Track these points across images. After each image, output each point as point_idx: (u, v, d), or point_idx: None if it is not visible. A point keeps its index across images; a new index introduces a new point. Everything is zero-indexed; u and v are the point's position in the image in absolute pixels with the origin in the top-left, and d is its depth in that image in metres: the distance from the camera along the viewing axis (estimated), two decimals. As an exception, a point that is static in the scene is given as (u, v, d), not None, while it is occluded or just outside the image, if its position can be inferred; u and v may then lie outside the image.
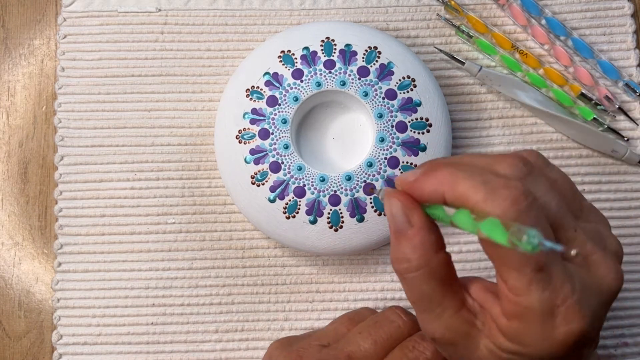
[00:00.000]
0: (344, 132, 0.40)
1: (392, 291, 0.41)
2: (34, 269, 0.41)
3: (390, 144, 0.37)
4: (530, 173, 0.25)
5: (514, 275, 0.24)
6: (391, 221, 0.26)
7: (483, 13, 0.43)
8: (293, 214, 0.37)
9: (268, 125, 0.38)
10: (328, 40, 0.39)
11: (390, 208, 0.26)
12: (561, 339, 0.24)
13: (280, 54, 0.39)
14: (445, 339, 0.27)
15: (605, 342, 0.40)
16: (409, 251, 0.26)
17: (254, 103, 0.38)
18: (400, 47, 0.39)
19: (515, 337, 0.25)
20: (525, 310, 0.24)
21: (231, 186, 0.39)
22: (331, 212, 0.37)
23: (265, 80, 0.38)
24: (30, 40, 0.44)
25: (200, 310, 0.40)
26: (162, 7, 0.43)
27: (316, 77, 0.38)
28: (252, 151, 0.38)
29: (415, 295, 0.27)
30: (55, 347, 0.40)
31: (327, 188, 0.37)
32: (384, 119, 0.38)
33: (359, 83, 0.38)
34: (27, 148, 0.42)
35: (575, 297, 0.24)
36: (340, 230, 0.37)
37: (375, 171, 0.37)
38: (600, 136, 0.41)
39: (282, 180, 0.37)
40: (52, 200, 0.42)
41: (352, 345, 0.32)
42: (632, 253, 0.41)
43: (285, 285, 0.41)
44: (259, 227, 0.39)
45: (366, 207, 0.37)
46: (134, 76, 0.42)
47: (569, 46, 0.43)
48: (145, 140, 0.42)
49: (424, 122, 0.38)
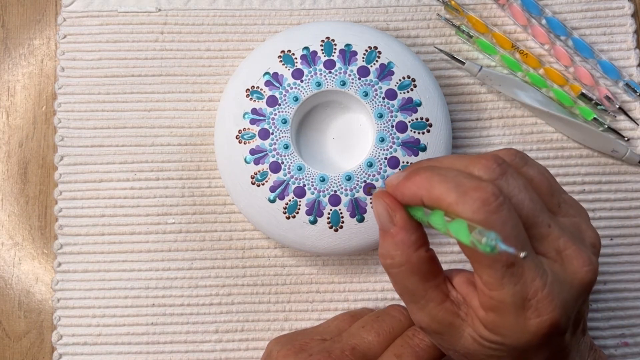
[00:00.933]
0: (344, 132, 0.40)
1: (392, 291, 0.41)
2: (33, 269, 0.41)
3: (391, 144, 0.37)
4: (504, 173, 0.26)
5: (487, 272, 0.25)
6: (377, 220, 0.29)
7: (483, 13, 0.43)
8: (293, 214, 0.37)
9: (268, 125, 0.38)
10: (328, 40, 0.39)
11: (377, 208, 0.29)
12: (533, 330, 0.26)
13: (280, 54, 0.39)
14: (432, 329, 0.29)
15: (605, 342, 0.40)
16: (392, 248, 0.28)
17: (254, 103, 0.38)
18: (400, 47, 0.39)
19: (493, 328, 0.26)
20: (499, 303, 0.25)
21: (231, 186, 0.38)
22: (331, 212, 0.37)
23: (265, 80, 0.38)
24: (30, 40, 0.44)
25: (200, 310, 0.40)
26: (162, 7, 0.43)
27: (316, 77, 0.38)
28: (252, 151, 0.38)
29: (400, 288, 0.29)
30: (55, 347, 0.40)
31: (327, 188, 0.37)
32: (384, 118, 0.38)
33: (359, 83, 0.38)
34: (27, 148, 0.42)
35: (545, 290, 0.25)
36: (340, 231, 0.37)
37: (376, 171, 0.37)
38: (601, 136, 0.41)
39: (282, 180, 0.37)
40: (52, 200, 0.42)
41: (355, 338, 0.33)
42: (632, 253, 0.41)
43: (285, 285, 0.41)
44: (259, 228, 0.39)
45: (366, 207, 0.37)
46: (134, 76, 0.42)
47: (569, 46, 0.42)
48: (145, 140, 0.42)
49: (424, 122, 0.38)
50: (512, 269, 0.25)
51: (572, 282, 0.26)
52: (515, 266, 0.25)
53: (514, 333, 0.26)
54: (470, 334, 0.28)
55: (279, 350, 0.34)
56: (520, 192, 0.26)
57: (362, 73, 0.38)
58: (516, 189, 0.26)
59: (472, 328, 0.27)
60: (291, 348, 0.34)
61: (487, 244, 0.22)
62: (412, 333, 0.33)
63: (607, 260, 0.41)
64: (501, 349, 0.27)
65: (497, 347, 0.27)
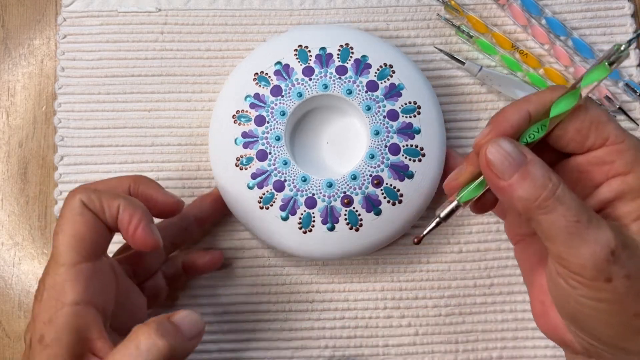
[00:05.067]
0: (338, 138, 0.40)
1: (392, 291, 0.41)
2: (34, 269, 0.41)
3: (380, 163, 0.37)
4: None
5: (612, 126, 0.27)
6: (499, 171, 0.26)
7: (483, 13, 0.43)
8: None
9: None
10: (347, 46, 0.38)
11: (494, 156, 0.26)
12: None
13: (297, 48, 0.39)
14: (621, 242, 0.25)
15: (605, 342, 0.40)
16: (541, 175, 0.26)
17: (258, 88, 0.38)
18: (414, 70, 0.39)
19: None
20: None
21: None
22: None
23: (275, 69, 0.38)
24: (30, 40, 0.44)
25: (200, 310, 0.40)
26: (162, 7, 0.43)
27: (325, 79, 0.38)
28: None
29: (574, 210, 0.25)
30: (55, 347, 0.40)
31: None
32: (380, 136, 0.37)
33: (365, 96, 0.38)
34: (27, 148, 0.42)
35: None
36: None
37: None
38: (601, 136, 0.41)
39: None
40: (52, 200, 0.42)
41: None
42: (632, 253, 0.41)
43: (285, 285, 0.41)
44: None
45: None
46: (134, 76, 0.42)
47: (569, 46, 0.43)
48: (145, 140, 0.42)
49: (417, 150, 0.38)
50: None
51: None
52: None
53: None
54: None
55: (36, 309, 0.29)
56: None
57: (370, 87, 0.38)
58: None
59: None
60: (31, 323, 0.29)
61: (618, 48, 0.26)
62: None
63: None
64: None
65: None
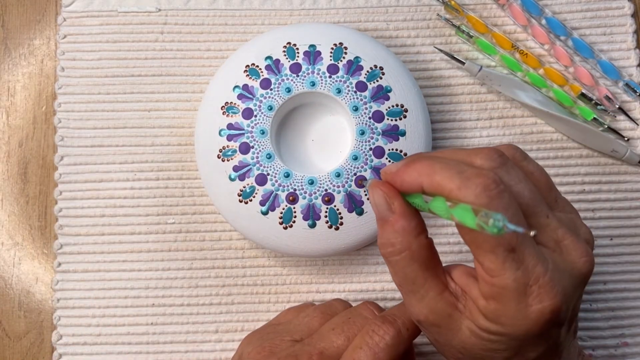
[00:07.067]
0: (323, 133, 0.40)
1: (392, 291, 0.41)
2: (33, 269, 0.41)
3: (363, 164, 0.37)
4: (504, 164, 0.27)
5: (489, 258, 0.25)
6: (375, 209, 0.29)
7: (483, 13, 0.43)
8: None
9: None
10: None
11: (374, 197, 0.28)
12: (535, 316, 0.25)
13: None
14: (429, 321, 0.28)
15: (605, 342, 0.40)
16: (392, 236, 0.28)
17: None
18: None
19: (493, 317, 0.26)
20: (501, 290, 0.25)
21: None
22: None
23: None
24: (30, 40, 0.44)
25: (200, 310, 0.40)
26: (162, 7, 0.43)
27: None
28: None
29: (399, 278, 0.28)
30: (55, 347, 0.40)
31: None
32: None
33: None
34: (27, 148, 0.42)
35: (547, 276, 0.25)
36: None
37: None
38: (601, 136, 0.41)
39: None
40: (52, 200, 0.42)
41: (324, 342, 0.33)
42: (632, 253, 0.41)
43: (285, 285, 0.41)
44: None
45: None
46: (133, 76, 0.42)
47: (569, 46, 0.43)
48: (145, 140, 0.42)
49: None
50: (513, 254, 0.25)
51: (571, 272, 0.27)
52: (516, 252, 0.25)
53: (514, 321, 0.26)
54: (469, 327, 0.28)
55: (250, 352, 0.34)
56: (520, 182, 0.27)
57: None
58: (516, 178, 0.27)
59: (471, 320, 0.27)
60: (261, 351, 0.34)
61: (494, 225, 0.22)
62: (372, 329, 0.32)
63: (607, 260, 0.41)
64: (500, 340, 0.27)
65: (496, 339, 0.27)
